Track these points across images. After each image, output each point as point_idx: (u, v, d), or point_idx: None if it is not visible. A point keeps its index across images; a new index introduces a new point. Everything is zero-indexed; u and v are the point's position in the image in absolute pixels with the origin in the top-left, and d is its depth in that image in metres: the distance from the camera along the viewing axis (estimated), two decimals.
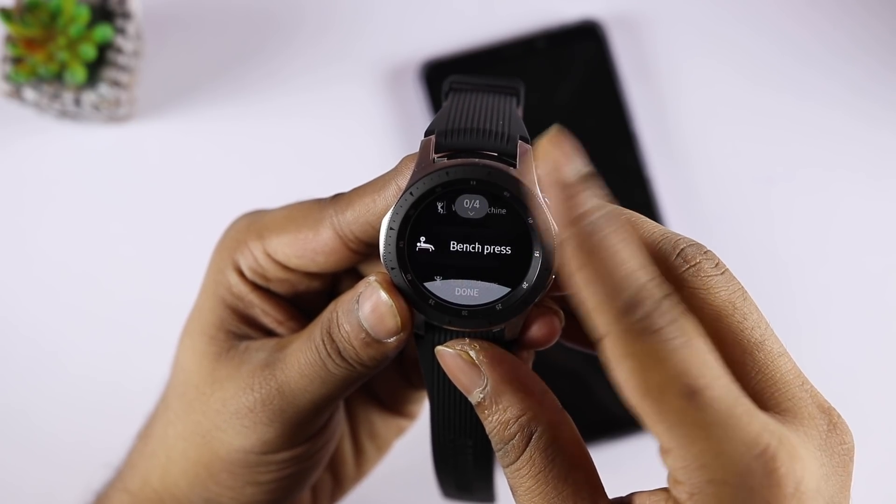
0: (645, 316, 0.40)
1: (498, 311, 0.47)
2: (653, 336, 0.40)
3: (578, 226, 0.41)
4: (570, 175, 0.42)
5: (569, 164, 0.42)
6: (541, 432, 0.46)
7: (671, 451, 0.41)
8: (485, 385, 0.46)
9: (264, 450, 0.53)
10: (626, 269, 0.41)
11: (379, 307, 0.47)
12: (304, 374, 0.50)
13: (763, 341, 0.45)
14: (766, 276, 0.83)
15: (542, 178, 0.42)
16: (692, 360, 0.41)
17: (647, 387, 0.41)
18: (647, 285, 0.41)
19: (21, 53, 0.75)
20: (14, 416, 0.81)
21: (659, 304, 0.41)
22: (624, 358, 0.41)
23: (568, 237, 0.41)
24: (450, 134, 0.47)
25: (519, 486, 0.46)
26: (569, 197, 0.41)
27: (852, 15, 0.86)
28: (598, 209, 0.42)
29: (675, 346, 0.40)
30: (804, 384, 0.45)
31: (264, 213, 0.54)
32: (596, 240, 0.41)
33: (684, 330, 0.41)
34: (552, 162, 0.42)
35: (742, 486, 0.40)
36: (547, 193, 0.42)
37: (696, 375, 0.40)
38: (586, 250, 0.41)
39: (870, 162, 0.85)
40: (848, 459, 0.44)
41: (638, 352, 0.40)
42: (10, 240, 0.82)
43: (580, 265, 0.41)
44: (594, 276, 0.41)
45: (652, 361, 0.40)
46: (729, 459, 0.40)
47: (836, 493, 0.43)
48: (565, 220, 0.41)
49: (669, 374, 0.40)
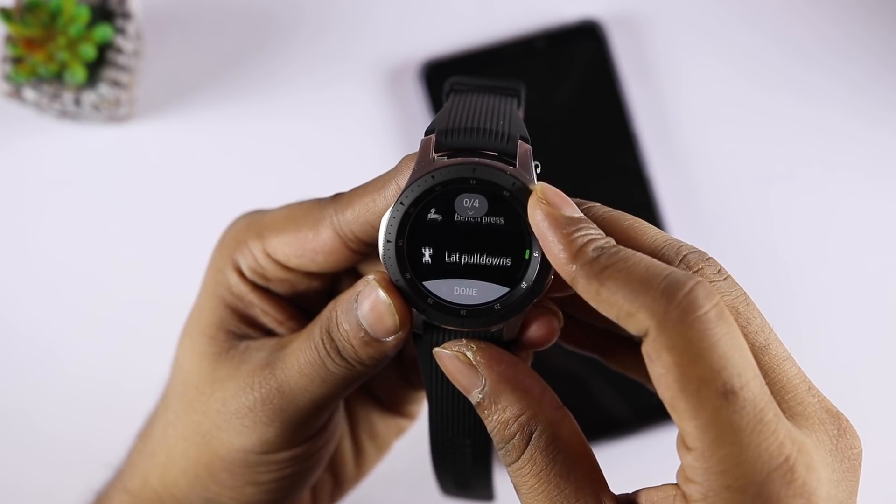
0: (684, 297, 0.41)
1: (496, 311, 0.47)
2: (695, 322, 0.41)
3: (584, 254, 0.43)
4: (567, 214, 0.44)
5: (564, 207, 0.45)
6: (541, 430, 0.46)
7: (695, 450, 0.41)
8: (483, 385, 0.46)
9: (264, 449, 0.53)
10: (645, 264, 0.42)
11: (377, 306, 0.47)
12: (303, 373, 0.50)
13: (767, 345, 0.45)
14: (765, 276, 0.83)
15: (540, 222, 0.44)
16: (734, 355, 0.41)
17: (686, 381, 0.41)
18: (679, 269, 0.42)
19: (21, 53, 0.75)
20: (14, 416, 0.81)
21: (698, 284, 0.41)
22: (664, 351, 0.41)
23: (576, 268, 0.43)
24: (450, 133, 0.47)
25: (522, 485, 0.46)
26: (570, 233, 0.44)
27: (852, 15, 0.86)
28: (599, 239, 0.44)
29: (718, 336, 0.41)
30: (811, 388, 0.45)
31: (264, 213, 0.54)
32: (604, 259, 0.43)
33: (727, 319, 0.41)
34: (547, 206, 0.44)
35: (759, 495, 0.41)
36: (546, 235, 0.44)
37: (736, 373, 0.41)
38: (598, 271, 0.43)
39: (869, 162, 0.85)
40: (857, 465, 0.45)
41: (679, 343, 0.41)
42: (10, 240, 0.82)
43: (598, 284, 0.43)
44: (618, 284, 0.42)
45: (693, 353, 0.41)
46: (752, 468, 0.41)
47: (845, 499, 0.44)
48: (570, 254, 0.43)
49: (711, 369, 0.40)
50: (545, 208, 0.44)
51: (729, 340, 0.41)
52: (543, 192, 0.45)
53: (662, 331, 0.41)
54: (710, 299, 0.41)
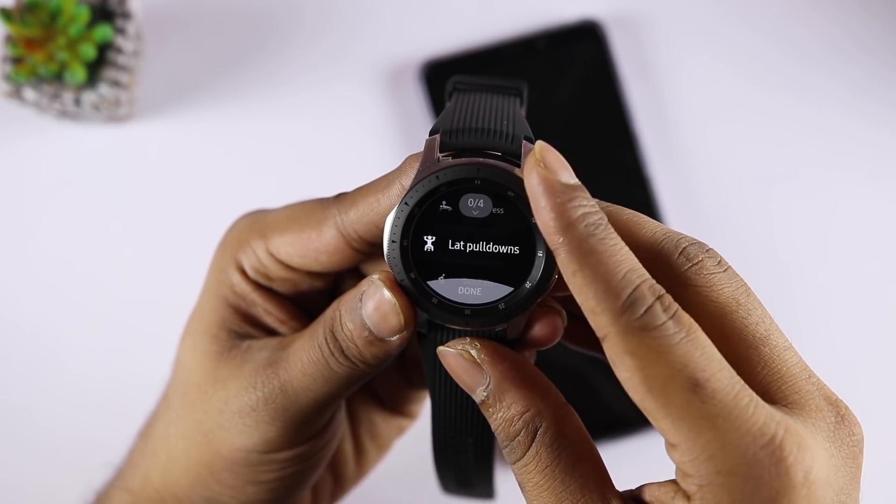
0: (644, 313, 0.41)
1: (501, 311, 0.47)
2: (653, 332, 0.41)
3: (573, 230, 0.43)
4: (562, 182, 0.43)
5: (561, 172, 0.44)
6: (545, 427, 0.46)
7: (678, 446, 0.42)
8: (487, 383, 0.46)
9: (266, 449, 0.53)
10: (623, 269, 0.42)
11: (382, 305, 0.47)
12: (306, 372, 0.50)
13: (768, 336, 0.45)
14: (766, 276, 0.83)
15: (534, 185, 0.43)
16: (693, 352, 0.41)
17: (650, 382, 0.41)
18: (644, 284, 0.42)
19: (21, 53, 0.75)
20: (15, 415, 0.81)
21: (657, 301, 0.42)
22: (626, 356, 0.42)
23: (562, 242, 0.43)
24: (455, 133, 0.47)
25: (527, 482, 0.46)
26: (562, 202, 0.43)
27: (852, 15, 0.86)
28: (592, 214, 0.43)
29: (676, 340, 0.41)
30: (811, 377, 0.45)
31: (267, 213, 0.54)
32: (591, 243, 0.43)
33: (684, 323, 0.42)
34: (543, 170, 0.43)
35: (750, 475, 0.41)
36: (538, 200, 0.43)
37: (698, 368, 0.41)
38: (582, 254, 0.42)
39: (870, 162, 0.85)
40: (857, 451, 0.45)
41: (639, 348, 0.41)
42: (10, 239, 0.82)
43: (576, 269, 0.42)
44: (591, 278, 0.42)
45: (654, 357, 0.41)
46: (736, 450, 0.41)
47: (846, 485, 0.43)
48: (560, 225, 0.43)
49: (672, 368, 0.41)
50: (542, 171, 0.43)
51: (688, 342, 0.41)
52: (542, 154, 0.44)
53: (622, 338, 0.42)
54: (668, 311, 0.42)
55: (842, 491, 0.43)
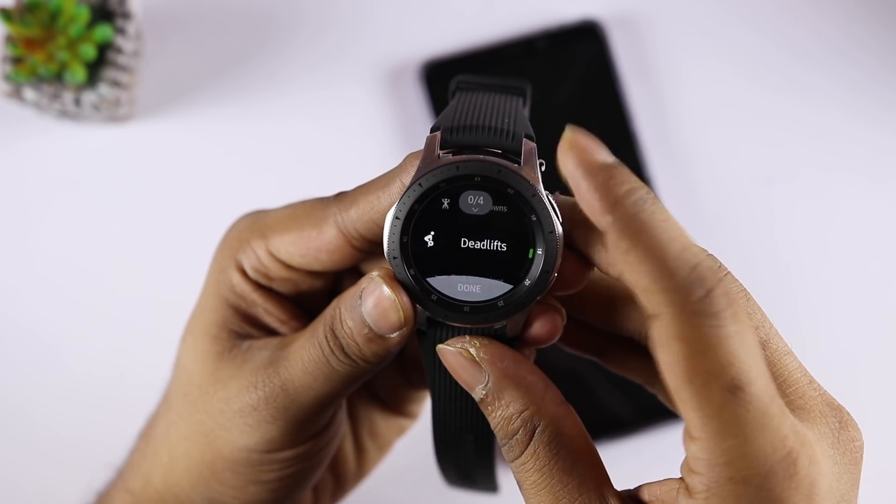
0: (705, 295, 0.40)
1: (500, 308, 0.47)
2: (709, 320, 0.40)
3: (622, 206, 0.41)
4: (602, 160, 0.42)
5: (597, 153, 0.42)
6: (544, 426, 0.46)
7: (699, 440, 0.41)
8: (486, 382, 0.46)
9: (268, 448, 0.53)
10: (678, 245, 0.41)
11: (382, 302, 0.47)
12: (307, 371, 0.50)
13: (768, 340, 0.45)
14: (766, 277, 0.83)
15: (573, 168, 0.42)
16: (742, 353, 0.40)
17: (692, 373, 0.40)
18: (704, 263, 0.41)
19: (21, 53, 0.75)
20: (16, 414, 0.81)
21: (716, 285, 0.40)
22: (674, 340, 0.40)
23: (612, 220, 0.41)
24: (456, 130, 0.47)
25: (525, 481, 0.46)
26: (605, 180, 0.41)
27: (852, 15, 0.86)
28: (638, 188, 0.42)
29: (728, 334, 0.40)
30: (811, 382, 0.45)
31: (267, 213, 0.54)
32: (642, 218, 0.41)
33: (740, 318, 0.41)
34: (579, 152, 0.42)
35: (762, 486, 0.41)
36: (580, 183, 0.42)
37: (743, 370, 0.40)
38: (633, 229, 0.41)
39: (870, 162, 0.85)
40: (858, 457, 0.45)
41: (690, 335, 0.40)
42: (11, 239, 0.82)
43: (629, 245, 0.41)
44: (645, 255, 0.41)
45: (703, 347, 0.40)
46: (755, 460, 0.41)
47: (847, 492, 0.44)
48: (607, 203, 0.41)
49: (718, 365, 0.40)
50: (578, 154, 0.42)
51: (740, 340, 0.41)
52: (574, 138, 0.42)
53: (676, 320, 0.40)
54: (729, 300, 0.41)
55: (843, 498, 0.43)
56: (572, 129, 0.43)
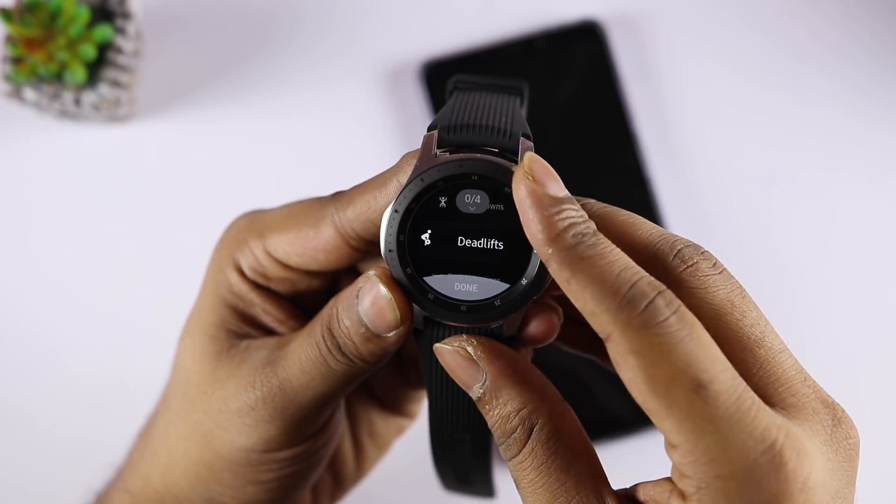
0: (646, 308, 0.41)
1: (497, 307, 0.47)
2: (656, 329, 0.41)
3: (563, 240, 0.43)
4: (549, 194, 0.44)
5: (549, 185, 0.44)
6: (541, 424, 0.46)
7: (679, 446, 0.41)
8: (484, 380, 0.46)
9: (266, 448, 0.53)
10: (616, 268, 0.42)
11: (378, 301, 0.47)
12: (304, 370, 0.50)
13: (763, 338, 0.45)
14: (766, 277, 0.83)
15: (522, 198, 0.44)
16: (697, 352, 0.41)
17: (653, 382, 0.41)
18: (642, 280, 0.42)
19: (21, 53, 0.76)
20: (15, 414, 0.81)
21: (659, 296, 0.42)
22: (629, 355, 0.41)
23: (552, 252, 0.43)
24: (453, 129, 0.47)
25: (522, 479, 0.46)
26: (550, 215, 0.43)
27: (852, 15, 0.86)
28: (579, 224, 0.43)
29: (679, 337, 0.41)
30: (806, 380, 0.45)
31: (264, 213, 0.54)
32: (580, 250, 0.43)
33: (686, 320, 0.42)
34: (531, 182, 0.44)
35: (749, 480, 0.41)
36: (526, 213, 0.44)
37: (702, 368, 0.41)
38: (572, 261, 0.43)
39: (870, 162, 0.85)
40: (854, 454, 0.45)
41: (642, 347, 0.41)
42: (11, 239, 0.82)
43: (569, 275, 0.43)
44: (585, 282, 0.42)
45: (657, 355, 0.41)
46: (737, 454, 0.41)
47: (842, 488, 0.43)
48: (548, 237, 0.43)
49: (675, 368, 0.41)
50: (529, 184, 0.44)
51: (692, 341, 0.41)
52: (531, 167, 0.44)
53: (625, 336, 0.41)
54: (671, 307, 0.42)
55: (838, 495, 0.43)
56: (531, 158, 0.44)
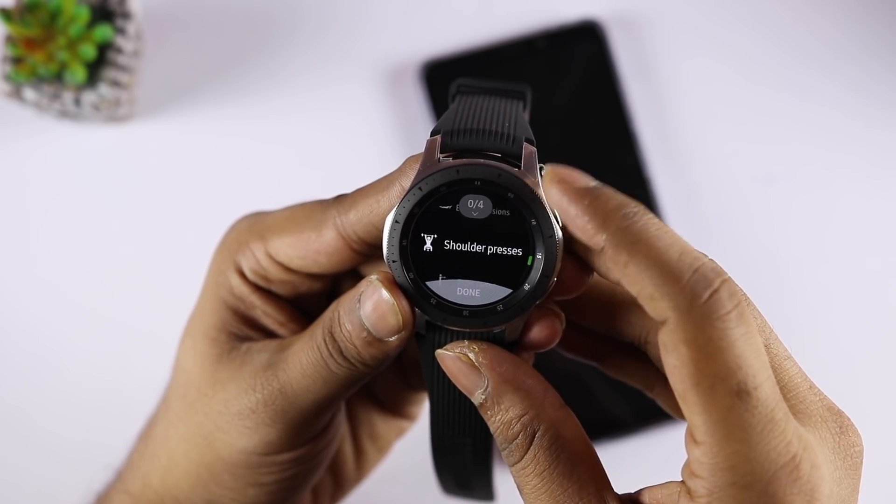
0: (710, 296, 0.41)
1: (499, 312, 0.47)
2: (716, 322, 0.40)
3: (613, 222, 0.42)
4: (585, 184, 0.43)
5: (578, 180, 0.43)
6: (544, 430, 0.46)
7: (703, 445, 0.41)
8: (486, 386, 0.46)
9: (267, 451, 0.53)
10: (676, 250, 0.41)
11: (380, 306, 0.47)
12: (306, 374, 0.50)
13: (769, 345, 0.45)
14: (766, 276, 0.83)
15: (559, 197, 0.43)
16: (750, 356, 0.41)
17: (700, 377, 0.41)
18: (708, 264, 0.41)
19: (21, 53, 0.75)
20: (15, 415, 0.81)
21: (724, 284, 0.41)
22: (682, 344, 0.41)
23: (606, 237, 0.42)
24: (456, 134, 0.47)
25: (525, 485, 0.46)
26: (592, 202, 0.43)
27: (852, 15, 0.86)
28: (626, 203, 0.43)
29: (736, 336, 0.41)
30: (812, 387, 0.45)
31: (266, 215, 0.54)
32: (635, 230, 0.42)
33: (745, 319, 0.41)
34: (561, 182, 0.43)
35: (765, 492, 0.41)
36: (568, 210, 0.43)
37: (750, 374, 0.41)
38: (629, 242, 0.42)
39: (870, 161, 0.85)
40: (858, 462, 0.45)
41: (698, 339, 0.40)
42: (11, 239, 0.82)
43: (627, 257, 0.42)
44: (645, 264, 0.41)
45: (711, 351, 0.40)
46: (759, 466, 0.41)
47: (847, 496, 0.44)
48: (597, 222, 0.42)
49: (726, 368, 0.40)
50: (559, 185, 0.43)
51: (747, 342, 0.41)
52: (555, 171, 0.44)
53: (683, 324, 0.41)
54: (734, 300, 0.41)
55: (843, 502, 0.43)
56: (551, 165, 0.44)
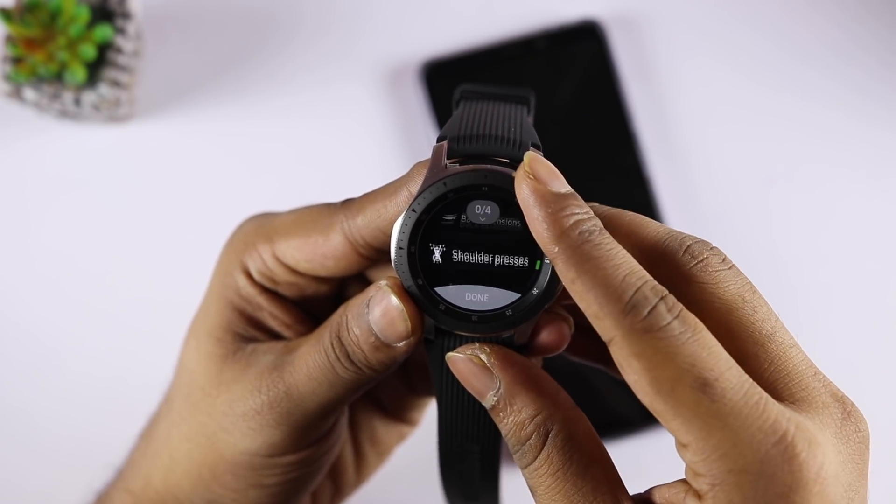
0: (648, 314, 0.42)
1: (508, 317, 0.47)
2: (658, 333, 0.41)
3: (568, 238, 0.43)
4: (553, 191, 0.44)
5: (551, 182, 0.44)
6: (557, 430, 0.46)
7: (689, 445, 0.42)
8: (498, 388, 0.46)
9: (270, 452, 0.53)
10: (622, 272, 0.42)
11: (389, 311, 0.47)
12: (312, 377, 0.50)
13: (774, 333, 0.45)
14: (766, 276, 0.83)
15: (525, 196, 0.44)
16: (701, 352, 0.41)
17: (658, 384, 0.41)
18: (646, 286, 0.42)
19: (21, 53, 0.75)
20: (16, 414, 0.81)
21: (661, 301, 0.42)
22: (632, 358, 0.42)
23: (558, 251, 0.43)
24: (462, 140, 0.47)
25: (538, 486, 0.46)
26: (555, 211, 0.43)
27: (852, 15, 0.86)
28: (585, 220, 0.44)
29: (683, 340, 0.41)
30: (816, 374, 0.45)
31: (273, 217, 0.54)
32: (586, 249, 0.43)
33: (689, 323, 0.42)
34: (533, 181, 0.44)
35: (762, 473, 0.41)
36: (531, 211, 0.44)
37: (706, 367, 0.41)
38: (578, 261, 0.43)
39: (870, 161, 0.85)
40: (864, 447, 0.45)
41: (645, 350, 0.41)
42: (11, 239, 0.82)
43: (575, 276, 0.43)
44: (591, 284, 0.42)
45: (660, 358, 0.41)
46: (748, 448, 0.41)
47: (854, 481, 0.44)
48: (553, 234, 0.43)
49: (680, 369, 0.41)
50: (531, 183, 0.44)
51: (695, 342, 0.42)
52: (532, 166, 0.44)
53: (627, 341, 0.42)
54: (673, 311, 0.42)
55: (850, 487, 0.43)
56: (531, 156, 0.45)
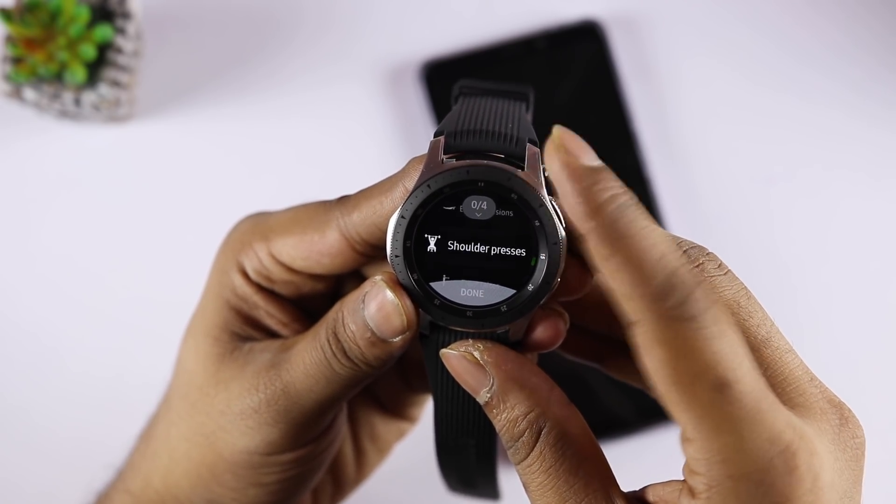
0: (680, 302, 0.40)
1: (503, 313, 0.47)
2: (687, 323, 0.40)
3: (603, 213, 0.41)
4: (586, 165, 0.42)
5: (583, 156, 0.42)
6: (549, 427, 0.46)
7: (694, 441, 0.41)
8: (491, 385, 0.46)
9: (269, 451, 0.53)
10: (658, 251, 0.41)
11: (385, 306, 0.47)
12: (309, 374, 0.50)
13: (769, 338, 0.45)
14: (766, 276, 0.83)
15: (558, 171, 0.42)
16: (726, 351, 0.41)
17: (678, 375, 0.40)
18: (681, 269, 0.41)
19: (21, 53, 0.75)
20: (16, 415, 0.81)
21: (694, 289, 0.41)
22: (656, 345, 0.40)
23: (593, 226, 0.41)
24: (459, 135, 0.47)
25: (531, 482, 0.46)
26: (589, 186, 0.41)
27: (852, 15, 0.86)
28: (621, 195, 0.42)
29: (710, 335, 0.40)
30: (813, 379, 0.45)
31: (269, 215, 0.54)
32: (623, 225, 0.41)
33: (719, 319, 0.41)
34: (565, 154, 0.42)
35: (762, 482, 0.41)
36: (564, 186, 0.42)
37: (728, 368, 0.40)
38: (614, 237, 0.41)
39: (870, 161, 0.85)
40: (860, 454, 0.45)
41: (671, 339, 0.40)
42: (11, 239, 0.82)
43: (609, 252, 0.41)
44: (625, 262, 0.41)
45: (685, 350, 0.40)
46: (752, 455, 0.41)
47: (849, 488, 0.44)
48: (589, 209, 0.41)
49: (703, 365, 0.40)
50: (563, 157, 0.42)
51: (722, 338, 0.41)
52: (562, 139, 0.42)
53: (656, 325, 0.40)
54: (709, 302, 0.41)
55: (845, 494, 0.43)
56: (560, 130, 0.42)
